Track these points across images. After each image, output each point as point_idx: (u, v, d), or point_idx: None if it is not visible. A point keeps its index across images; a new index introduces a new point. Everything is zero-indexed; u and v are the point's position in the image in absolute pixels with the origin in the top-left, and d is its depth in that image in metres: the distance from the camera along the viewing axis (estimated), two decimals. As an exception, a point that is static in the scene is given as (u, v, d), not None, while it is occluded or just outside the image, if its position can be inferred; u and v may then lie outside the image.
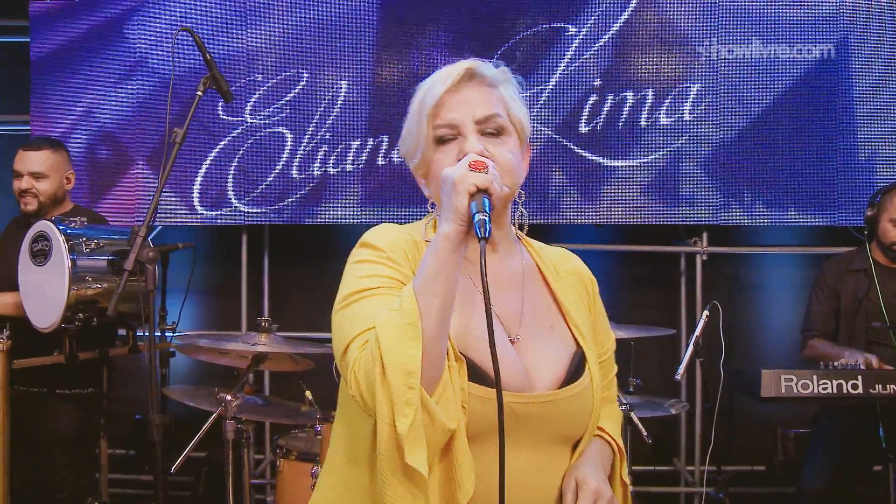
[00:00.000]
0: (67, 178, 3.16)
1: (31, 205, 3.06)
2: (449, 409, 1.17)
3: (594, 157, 3.93)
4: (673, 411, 2.92)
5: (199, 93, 2.43)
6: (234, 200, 4.06)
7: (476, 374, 1.24)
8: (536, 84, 3.94)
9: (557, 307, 1.42)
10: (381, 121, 4.03)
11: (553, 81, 3.93)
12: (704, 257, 4.03)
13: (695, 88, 3.87)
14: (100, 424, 2.93)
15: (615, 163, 3.92)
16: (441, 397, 1.17)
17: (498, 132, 1.33)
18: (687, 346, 3.01)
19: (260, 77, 4.08)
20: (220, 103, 4.05)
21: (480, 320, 1.25)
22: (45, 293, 2.66)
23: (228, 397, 2.48)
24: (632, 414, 2.51)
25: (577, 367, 1.35)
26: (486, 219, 1.14)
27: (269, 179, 4.06)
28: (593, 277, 1.52)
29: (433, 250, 1.18)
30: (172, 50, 2.39)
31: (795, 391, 2.60)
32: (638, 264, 4.28)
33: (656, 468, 4.09)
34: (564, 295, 1.42)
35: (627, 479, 1.46)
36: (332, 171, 4.06)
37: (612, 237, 4.20)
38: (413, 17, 4.02)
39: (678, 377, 2.91)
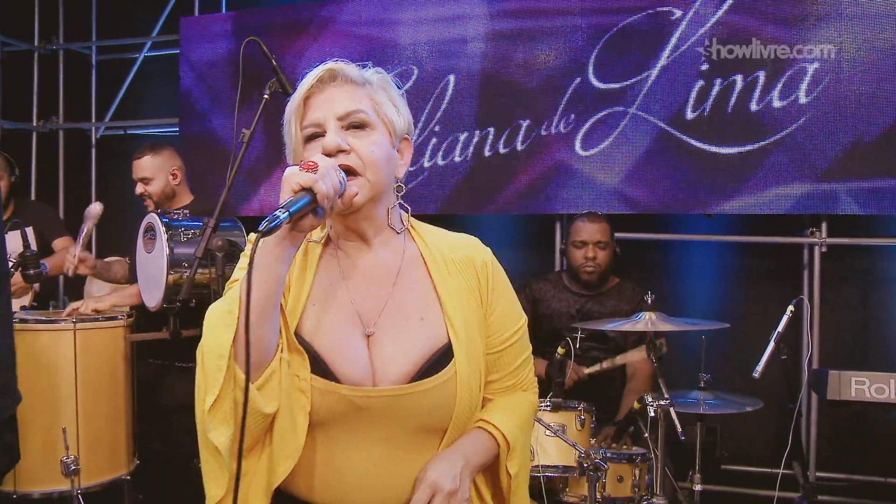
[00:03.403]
0: (174, 175, 3.47)
1: (149, 206, 3.44)
2: (271, 398, 1.24)
3: (701, 145, 3.78)
4: (749, 409, 2.78)
5: (266, 96, 2.65)
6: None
7: (319, 367, 1.30)
8: (640, 72, 3.85)
9: (436, 297, 1.40)
10: (487, 113, 4.12)
11: (658, 68, 3.83)
12: (824, 249, 3.76)
13: (812, 69, 3.61)
14: (200, 394, 3.26)
15: (724, 150, 3.75)
16: (266, 384, 1.23)
17: (361, 125, 1.34)
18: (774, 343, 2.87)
19: (376, 74, 4.29)
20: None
21: (336, 314, 1.35)
22: (152, 277, 3.02)
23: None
24: (670, 409, 2.45)
25: (438, 360, 1.34)
26: (281, 216, 1.14)
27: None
28: (489, 262, 1.48)
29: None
30: (242, 57, 2.63)
31: (868, 395, 2.42)
32: (757, 256, 4.07)
33: (772, 470, 3.88)
34: (445, 284, 1.41)
35: (513, 471, 1.43)
36: (441, 162, 4.22)
37: (728, 227, 4.02)
38: (519, 7, 4.06)
39: (756, 375, 2.79)
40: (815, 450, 3.78)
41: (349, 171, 1.30)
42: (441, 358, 1.35)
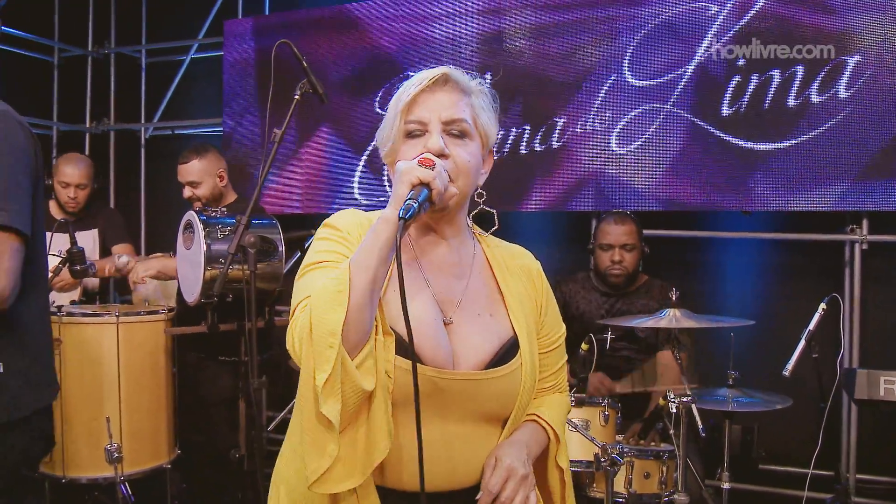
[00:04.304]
0: (220, 176, 3.54)
1: (198, 208, 3.55)
2: (369, 375, 1.28)
3: (738, 142, 3.74)
4: (778, 406, 2.76)
5: (297, 97, 2.72)
6: (388, 190, 4.39)
7: (403, 349, 1.35)
8: (676, 68, 3.82)
9: (500, 297, 1.53)
10: (523, 110, 4.14)
11: (693, 64, 3.80)
12: (864, 246, 3.69)
13: (853, 62, 3.54)
14: (238, 387, 3.36)
15: (760, 146, 3.70)
16: (363, 363, 1.28)
17: (461, 135, 1.43)
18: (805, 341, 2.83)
19: (411, 73, 4.33)
20: (377, 100, 4.41)
21: (418, 302, 1.43)
22: (190, 272, 3.12)
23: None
24: (692, 406, 2.44)
25: (507, 352, 1.46)
26: (415, 204, 1.25)
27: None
28: (542, 273, 1.63)
29: (372, 230, 1.30)
30: (273, 58, 2.70)
31: (898, 394, 2.38)
32: (797, 253, 4.00)
33: (804, 470, 3.82)
34: (508, 287, 1.54)
35: (563, 464, 1.55)
36: (477, 160, 4.24)
37: (767, 224, 3.96)
38: (554, 3, 4.07)
39: (786, 373, 2.76)
40: (854, 451, 3.71)
41: None
42: (509, 350, 1.47)
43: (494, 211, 1.55)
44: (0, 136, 1.85)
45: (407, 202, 1.25)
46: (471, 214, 1.58)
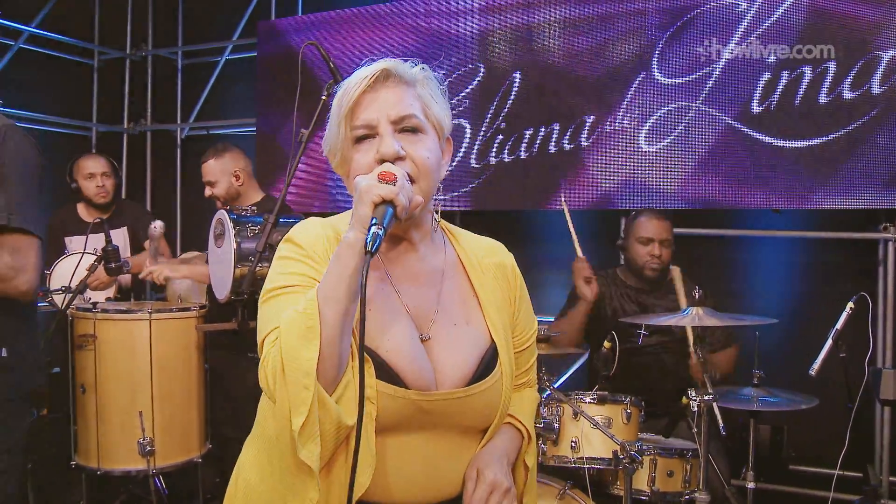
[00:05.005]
0: (236, 176, 3.57)
1: (218, 206, 3.60)
2: (350, 407, 1.22)
3: (768, 139, 3.70)
4: (803, 407, 2.73)
5: (324, 97, 2.76)
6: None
7: (385, 373, 1.29)
8: (705, 66, 3.80)
9: (476, 300, 1.45)
10: (552, 109, 4.14)
11: (723, 62, 3.76)
12: (898, 244, 3.63)
13: (887, 56, 3.48)
14: (267, 383, 3.40)
15: (791, 144, 3.66)
16: (342, 395, 1.22)
17: (414, 131, 1.33)
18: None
19: (441, 73, 4.36)
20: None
21: (394, 320, 1.35)
22: (221, 270, 3.18)
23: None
24: (714, 405, 2.43)
25: (487, 364, 1.40)
26: (380, 232, 1.16)
27: (450, 168, 4.34)
28: (516, 268, 1.55)
29: (336, 257, 1.22)
30: (301, 58, 2.75)
31: (925, 395, 2.34)
32: (830, 252, 3.94)
33: (832, 471, 3.77)
34: (483, 288, 1.46)
35: (530, 463, 1.51)
36: (506, 159, 4.26)
37: (798, 223, 3.91)
38: (583, 3, 4.07)
39: (812, 372, 2.73)
40: (888, 453, 3.65)
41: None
42: (490, 361, 1.41)
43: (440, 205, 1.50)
44: (13, 149, 2.01)
45: (372, 231, 1.16)
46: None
